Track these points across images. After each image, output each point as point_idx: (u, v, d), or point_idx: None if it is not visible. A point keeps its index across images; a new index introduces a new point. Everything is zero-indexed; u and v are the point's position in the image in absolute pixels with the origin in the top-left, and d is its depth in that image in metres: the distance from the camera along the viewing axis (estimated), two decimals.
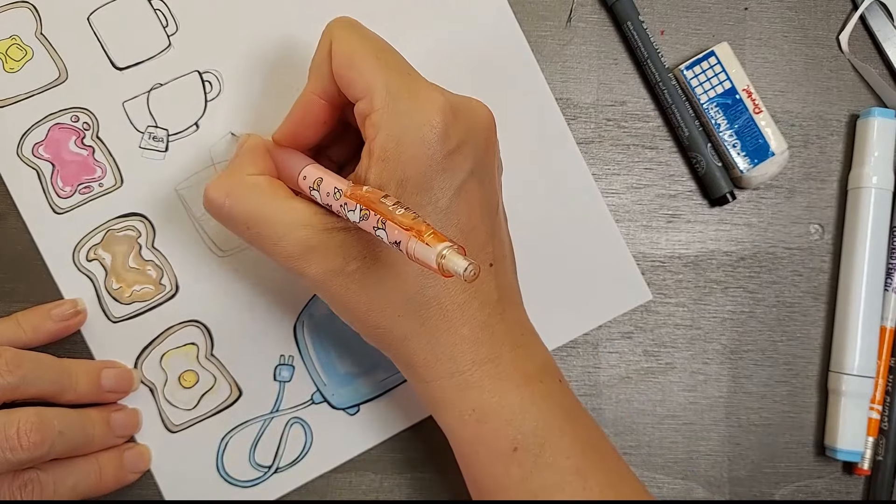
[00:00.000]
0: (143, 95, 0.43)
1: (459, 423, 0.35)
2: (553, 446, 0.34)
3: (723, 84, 0.45)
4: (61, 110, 0.43)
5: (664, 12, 0.47)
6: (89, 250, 0.43)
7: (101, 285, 0.43)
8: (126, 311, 0.43)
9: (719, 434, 0.46)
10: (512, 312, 0.37)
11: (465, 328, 0.35)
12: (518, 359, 0.35)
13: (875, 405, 0.46)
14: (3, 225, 0.42)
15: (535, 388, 0.35)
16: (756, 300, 0.46)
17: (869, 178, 0.46)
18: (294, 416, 0.43)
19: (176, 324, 0.43)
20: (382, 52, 0.35)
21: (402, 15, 0.45)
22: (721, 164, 0.45)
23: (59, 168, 0.43)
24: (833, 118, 0.48)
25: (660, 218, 0.46)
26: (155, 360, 0.43)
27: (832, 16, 0.48)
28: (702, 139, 0.42)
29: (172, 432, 0.42)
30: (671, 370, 0.46)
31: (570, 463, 0.34)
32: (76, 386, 0.39)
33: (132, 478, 0.41)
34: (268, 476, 0.43)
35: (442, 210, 0.34)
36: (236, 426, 0.43)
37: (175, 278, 0.43)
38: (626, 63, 0.47)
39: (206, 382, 0.43)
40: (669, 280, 0.46)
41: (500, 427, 0.35)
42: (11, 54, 0.43)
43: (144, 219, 0.43)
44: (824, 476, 0.46)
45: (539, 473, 0.34)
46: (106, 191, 0.43)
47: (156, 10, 0.44)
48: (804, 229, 0.47)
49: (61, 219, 0.42)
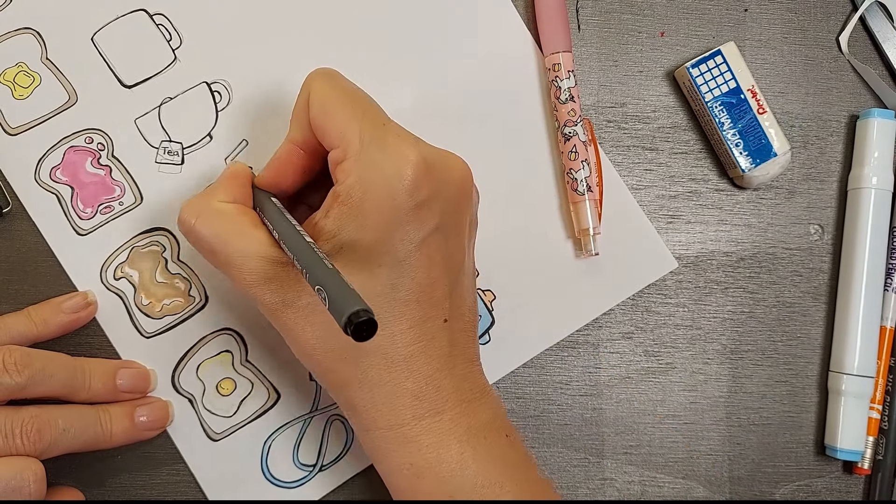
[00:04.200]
0: (154, 111, 0.44)
1: (398, 476, 0.35)
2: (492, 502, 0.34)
3: (728, 83, 0.45)
4: (74, 133, 0.43)
5: (664, 13, 0.47)
6: (116, 269, 0.43)
7: (131, 302, 0.43)
8: (158, 326, 0.43)
9: (719, 434, 0.46)
10: (462, 368, 0.36)
11: (409, 381, 0.34)
12: (462, 415, 0.35)
13: (875, 405, 0.46)
14: (10, 227, 0.43)
15: (476, 443, 0.35)
16: (756, 300, 0.47)
17: (869, 179, 0.46)
18: (333, 413, 0.43)
19: (209, 333, 0.43)
20: (358, 102, 0.35)
21: (408, 14, 0.45)
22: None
23: (78, 190, 0.43)
24: (833, 119, 0.48)
25: (660, 219, 0.46)
26: (191, 371, 0.43)
27: (832, 17, 0.48)
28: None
29: (215, 441, 0.43)
30: (671, 370, 0.46)
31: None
32: (90, 385, 0.39)
33: (145, 435, 0.41)
34: (313, 475, 0.43)
35: (399, 261, 0.34)
36: (277, 429, 0.43)
37: (203, 288, 0.43)
38: (626, 65, 0.47)
39: (244, 388, 0.43)
40: (669, 280, 0.46)
41: (436, 483, 0.34)
42: (19, 81, 0.43)
43: (167, 233, 0.43)
44: (824, 476, 0.46)
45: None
46: (127, 209, 0.43)
47: (158, 25, 0.44)
48: (804, 229, 0.47)
49: (85, 240, 0.43)
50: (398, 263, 0.34)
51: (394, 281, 0.34)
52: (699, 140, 0.47)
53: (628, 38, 0.47)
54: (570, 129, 0.44)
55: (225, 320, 0.43)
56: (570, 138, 0.44)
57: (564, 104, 0.44)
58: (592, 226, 0.44)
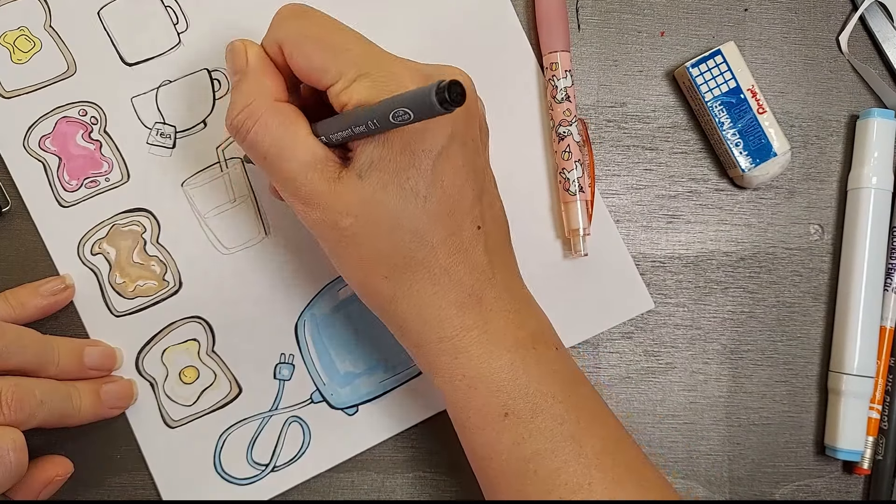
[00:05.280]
0: (151, 92, 0.44)
1: (451, 388, 0.36)
2: (546, 412, 0.35)
3: (728, 83, 0.45)
4: (69, 104, 0.43)
5: (664, 13, 0.47)
6: (94, 244, 0.43)
7: (104, 279, 0.43)
8: (129, 306, 0.43)
9: (719, 434, 0.46)
10: (503, 278, 0.36)
11: (453, 293, 0.35)
12: (509, 325, 0.35)
13: (875, 405, 0.46)
14: (9, 226, 0.43)
15: (526, 353, 0.35)
16: (756, 300, 0.47)
17: (868, 179, 0.46)
18: (293, 414, 0.43)
19: (178, 319, 0.43)
20: (341, 34, 0.35)
21: (408, 14, 0.45)
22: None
23: (66, 162, 0.43)
24: (833, 119, 0.48)
25: (660, 218, 0.46)
26: (156, 355, 0.43)
27: (832, 17, 0.48)
28: None
29: (171, 428, 0.43)
30: (671, 370, 0.46)
31: (564, 429, 0.34)
32: (58, 361, 0.40)
33: (111, 413, 0.41)
34: (264, 474, 0.43)
35: (424, 173, 0.34)
36: (235, 423, 0.43)
37: (178, 274, 0.43)
38: (626, 65, 0.47)
39: (207, 379, 0.43)
40: (669, 280, 0.46)
41: (490, 394, 0.35)
42: (20, 45, 0.43)
43: (150, 214, 0.43)
44: (824, 476, 0.46)
45: (531, 439, 0.34)
46: (112, 185, 0.43)
47: (167, 6, 0.44)
48: (804, 229, 0.47)
49: (67, 212, 0.43)
50: (424, 175, 0.34)
51: (424, 193, 0.34)
52: (699, 140, 0.47)
53: (628, 38, 0.47)
54: (564, 129, 0.44)
55: (196, 308, 0.43)
56: (565, 138, 0.44)
57: (560, 104, 0.44)
58: (583, 226, 0.44)
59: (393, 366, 0.44)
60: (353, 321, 0.44)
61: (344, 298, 0.44)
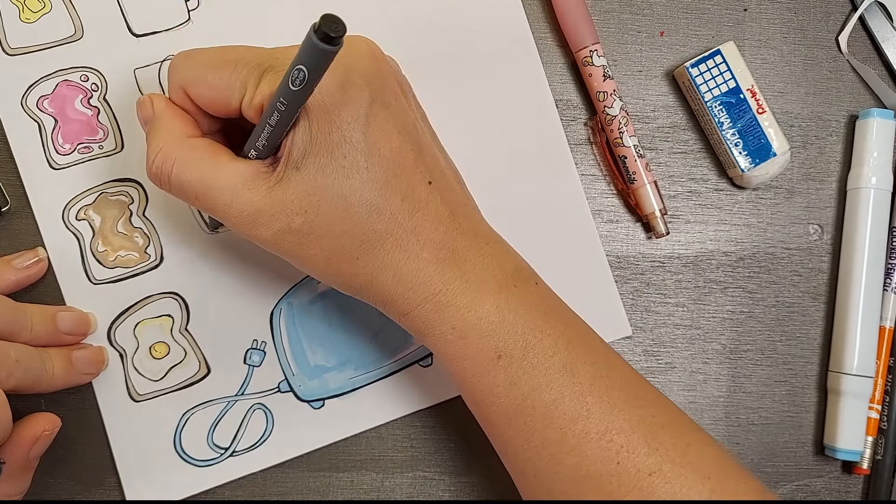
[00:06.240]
0: (155, 65, 0.43)
1: (443, 343, 0.36)
2: (536, 347, 0.35)
3: (727, 83, 0.45)
4: (72, 68, 0.43)
5: (664, 13, 0.47)
6: (80, 210, 0.43)
7: (86, 245, 0.43)
8: (108, 275, 0.43)
9: (719, 433, 0.46)
10: (469, 225, 0.37)
11: (425, 252, 0.35)
12: (487, 270, 0.36)
13: (874, 405, 0.46)
14: (9, 226, 0.43)
15: (509, 294, 0.36)
16: (755, 300, 0.47)
17: (868, 179, 0.46)
18: (258, 401, 0.43)
19: (155, 294, 0.43)
20: (232, 51, 0.35)
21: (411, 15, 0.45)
22: None
23: (62, 124, 0.43)
24: (832, 119, 0.48)
25: None
26: (129, 327, 0.43)
27: (831, 17, 0.48)
28: None
29: (136, 401, 0.42)
30: (671, 370, 0.46)
31: (555, 360, 0.35)
32: (31, 326, 0.39)
33: (83, 378, 0.41)
34: (223, 458, 0.43)
35: (357, 144, 0.34)
36: (199, 404, 0.43)
37: (161, 249, 0.43)
38: (626, 65, 0.47)
39: (177, 356, 0.43)
40: (669, 280, 0.46)
41: (480, 339, 0.35)
42: (29, 5, 0.43)
43: (139, 186, 0.43)
44: (824, 475, 0.46)
45: (526, 376, 0.35)
46: (105, 153, 0.43)
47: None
48: (803, 229, 0.47)
49: (57, 174, 0.43)
50: (358, 146, 0.34)
51: (364, 164, 0.34)
52: (698, 140, 0.47)
53: (628, 38, 0.47)
54: (609, 109, 0.45)
55: (174, 285, 0.43)
56: (621, 135, 0.45)
57: (605, 82, 0.45)
58: (657, 207, 0.45)
59: (364, 364, 0.44)
60: (329, 315, 0.44)
61: (322, 291, 0.44)
